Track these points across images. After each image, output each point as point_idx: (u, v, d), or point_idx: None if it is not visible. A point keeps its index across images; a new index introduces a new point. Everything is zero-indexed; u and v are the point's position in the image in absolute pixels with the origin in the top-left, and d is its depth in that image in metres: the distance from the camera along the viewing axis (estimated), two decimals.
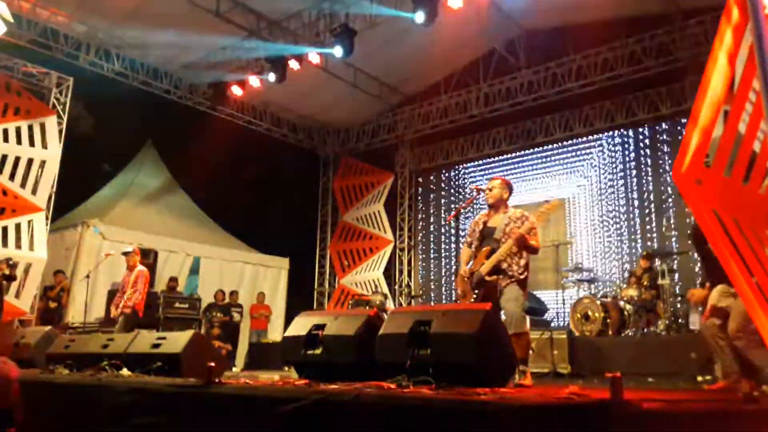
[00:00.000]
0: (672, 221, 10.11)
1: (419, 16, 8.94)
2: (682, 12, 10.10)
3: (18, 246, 9.88)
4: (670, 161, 10.46)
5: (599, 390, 2.75)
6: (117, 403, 3.77)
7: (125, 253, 8.11)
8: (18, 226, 10.03)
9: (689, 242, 8.25)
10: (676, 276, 9.47)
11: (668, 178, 10.33)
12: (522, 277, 4.62)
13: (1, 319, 8.80)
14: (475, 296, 4.68)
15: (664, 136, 10.85)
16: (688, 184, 2.36)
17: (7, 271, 8.59)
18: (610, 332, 8.09)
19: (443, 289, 13.36)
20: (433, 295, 13.52)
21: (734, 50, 2.45)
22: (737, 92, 2.53)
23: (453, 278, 12.77)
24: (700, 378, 5.76)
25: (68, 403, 4.05)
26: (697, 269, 9.41)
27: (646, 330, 8.06)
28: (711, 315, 4.18)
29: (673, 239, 9.99)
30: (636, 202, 10.90)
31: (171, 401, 3.52)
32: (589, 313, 8.26)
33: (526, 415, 2.20)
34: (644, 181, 10.87)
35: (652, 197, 10.70)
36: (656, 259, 8.68)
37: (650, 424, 1.99)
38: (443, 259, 13.47)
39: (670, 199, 10.40)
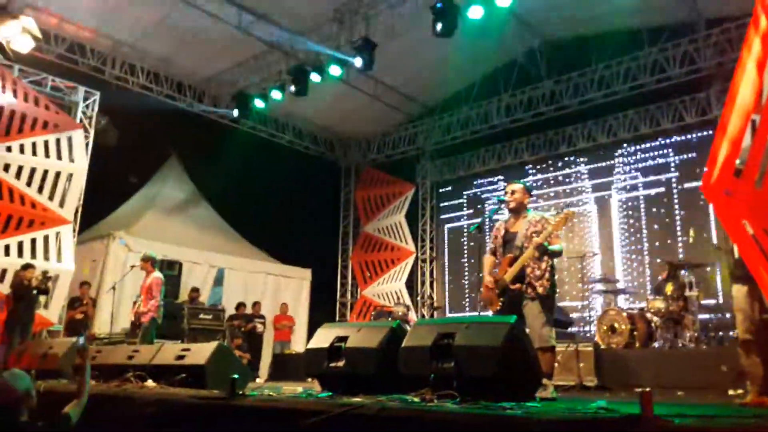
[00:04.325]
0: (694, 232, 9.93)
1: (439, 27, 8.94)
2: (705, 20, 9.99)
3: (46, 258, 10.04)
4: (698, 171, 10.31)
5: (627, 404, 2.70)
6: (142, 415, 3.81)
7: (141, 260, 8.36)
8: (46, 238, 10.20)
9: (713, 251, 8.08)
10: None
11: (696, 189, 10.16)
12: (546, 291, 4.57)
13: (32, 331, 8.96)
14: (501, 304, 4.64)
15: (692, 146, 10.70)
16: (717, 195, 2.32)
17: (42, 286, 8.74)
18: (637, 344, 7.95)
19: (465, 300, 13.26)
20: (455, 306, 13.43)
21: (763, 58, 2.41)
22: (766, 101, 2.48)
23: (475, 289, 12.69)
24: (731, 392, 5.61)
25: (94, 414, 4.08)
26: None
27: (674, 342, 7.91)
28: None
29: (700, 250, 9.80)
30: (664, 212, 10.74)
31: (195, 413, 3.54)
32: (616, 325, 8.13)
33: (553, 430, 2.16)
34: (672, 191, 10.71)
35: (679, 207, 10.54)
36: (682, 270, 8.51)
37: None
38: (466, 270, 13.38)
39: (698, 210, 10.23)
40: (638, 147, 11.26)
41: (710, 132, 9.91)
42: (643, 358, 7.49)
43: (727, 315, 8.30)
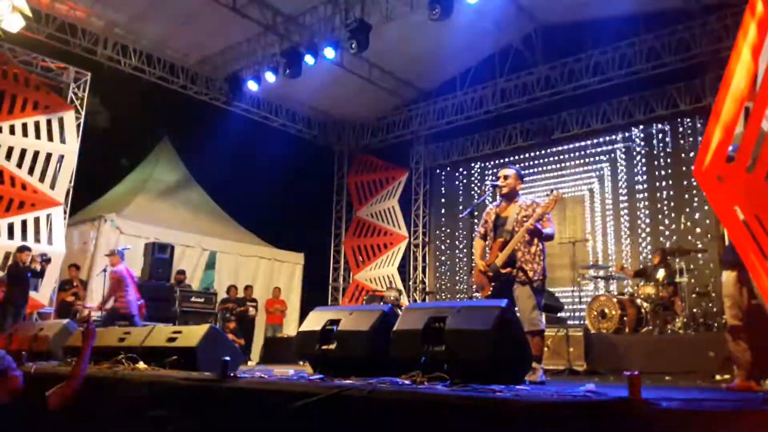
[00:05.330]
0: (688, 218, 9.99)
1: (435, 11, 8.88)
2: (702, 7, 9.95)
3: (37, 240, 9.99)
4: (691, 157, 10.35)
5: (616, 388, 2.73)
6: (133, 396, 3.81)
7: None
8: (37, 220, 10.15)
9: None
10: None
11: (689, 175, 10.21)
12: (537, 276, 4.58)
13: (26, 313, 8.95)
14: (492, 288, 4.66)
15: (684, 133, 10.72)
16: (710, 180, 2.33)
17: (38, 268, 8.71)
18: (627, 330, 8.02)
19: (458, 285, 13.31)
20: (447, 291, 13.48)
21: (758, 44, 2.40)
22: (761, 88, 2.48)
23: (467, 274, 12.73)
24: (718, 377, 5.69)
25: (85, 396, 4.09)
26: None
27: (663, 328, 7.98)
28: None
29: (693, 237, 9.87)
30: (655, 199, 10.79)
31: (187, 395, 3.54)
32: (606, 310, 8.19)
33: (542, 413, 2.18)
34: (664, 177, 10.75)
35: (671, 194, 10.58)
36: (673, 256, 8.57)
37: (669, 423, 1.96)
38: (457, 255, 13.42)
39: (690, 196, 10.29)
40: (631, 133, 11.28)
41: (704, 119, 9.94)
42: (632, 344, 7.56)
43: None
